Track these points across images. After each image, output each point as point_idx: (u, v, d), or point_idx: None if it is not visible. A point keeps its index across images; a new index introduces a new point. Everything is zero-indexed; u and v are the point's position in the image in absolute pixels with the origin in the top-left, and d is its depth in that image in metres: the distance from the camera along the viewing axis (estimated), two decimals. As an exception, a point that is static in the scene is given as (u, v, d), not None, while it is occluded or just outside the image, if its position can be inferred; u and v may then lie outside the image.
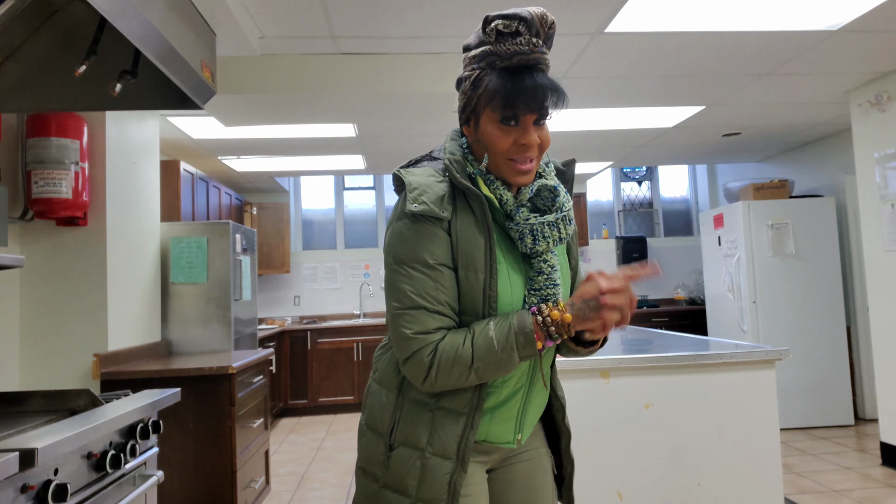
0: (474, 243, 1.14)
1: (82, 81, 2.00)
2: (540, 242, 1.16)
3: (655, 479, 2.31)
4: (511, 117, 1.13)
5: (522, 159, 1.14)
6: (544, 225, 1.16)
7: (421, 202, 1.13)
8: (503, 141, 1.14)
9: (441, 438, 1.15)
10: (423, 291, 1.11)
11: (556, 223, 1.18)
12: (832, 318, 5.08)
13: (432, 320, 1.11)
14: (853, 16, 2.92)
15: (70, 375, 2.80)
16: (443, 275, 1.12)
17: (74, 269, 2.83)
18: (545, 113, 1.14)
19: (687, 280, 7.39)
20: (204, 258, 3.68)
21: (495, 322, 1.12)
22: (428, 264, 1.12)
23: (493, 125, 1.14)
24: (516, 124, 1.13)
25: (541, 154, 1.17)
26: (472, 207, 1.16)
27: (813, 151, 5.64)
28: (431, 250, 1.13)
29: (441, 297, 1.12)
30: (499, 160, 1.16)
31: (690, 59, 3.42)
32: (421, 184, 1.16)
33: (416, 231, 1.13)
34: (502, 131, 1.14)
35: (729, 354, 2.34)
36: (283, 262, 6.63)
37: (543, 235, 1.16)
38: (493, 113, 1.14)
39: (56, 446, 1.37)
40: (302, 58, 3.28)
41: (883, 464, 3.96)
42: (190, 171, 4.69)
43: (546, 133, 1.16)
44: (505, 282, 1.16)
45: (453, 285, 1.14)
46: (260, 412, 3.43)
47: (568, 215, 1.19)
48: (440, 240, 1.13)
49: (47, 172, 2.57)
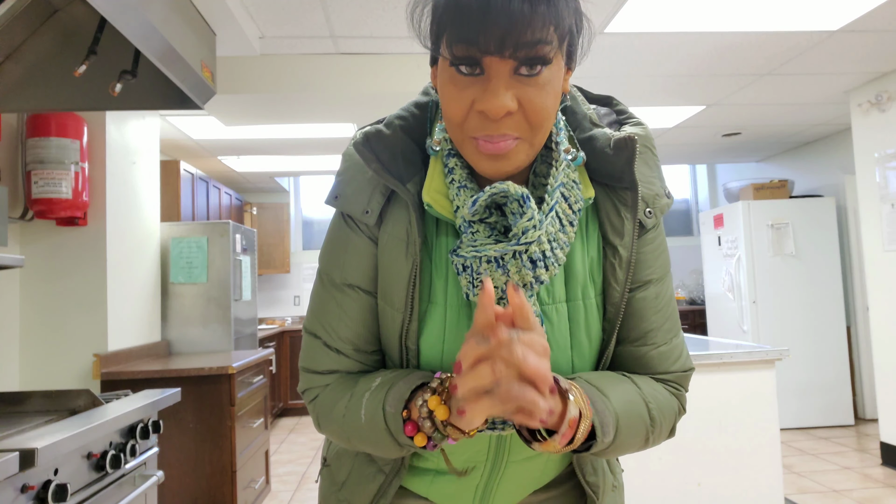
0: (395, 268, 0.75)
1: (82, 81, 2.00)
2: (479, 289, 0.64)
3: (655, 479, 2.31)
4: (467, 59, 0.64)
5: (487, 139, 0.67)
6: (480, 261, 0.70)
7: (340, 193, 0.79)
8: (456, 104, 0.67)
9: (355, 488, 0.85)
10: (323, 317, 0.80)
11: (501, 260, 0.69)
12: (832, 318, 5.08)
13: (326, 357, 0.80)
14: (853, 16, 2.92)
15: (70, 375, 2.80)
16: (350, 301, 0.78)
17: (74, 269, 2.83)
18: (533, 55, 0.64)
19: (687, 280, 7.39)
20: (204, 258, 3.68)
21: (380, 382, 0.75)
22: (335, 283, 0.79)
23: (447, 74, 0.68)
24: (481, 73, 0.65)
25: (534, 130, 0.68)
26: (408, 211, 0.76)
27: (813, 151, 5.64)
28: (343, 264, 0.79)
29: (342, 331, 0.79)
30: (456, 135, 0.70)
31: (690, 59, 3.42)
32: (352, 164, 0.79)
33: (335, 233, 0.81)
34: (456, 86, 0.67)
35: (729, 354, 2.34)
36: (283, 262, 6.63)
37: (480, 278, 0.71)
38: (445, 53, 0.66)
39: (56, 446, 1.37)
40: (302, 58, 3.28)
41: (883, 464, 3.96)
42: (190, 171, 4.68)
43: (542, 92, 0.66)
44: (434, 334, 0.75)
45: (365, 317, 0.79)
46: (260, 412, 3.43)
47: (531, 250, 0.69)
48: (359, 252, 0.78)
49: (47, 172, 2.57)
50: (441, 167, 0.76)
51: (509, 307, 0.59)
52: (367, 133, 0.75)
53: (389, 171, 0.74)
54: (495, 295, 0.69)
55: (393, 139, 0.75)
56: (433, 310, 0.76)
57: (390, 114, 0.83)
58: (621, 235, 0.77)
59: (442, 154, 0.76)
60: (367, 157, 0.74)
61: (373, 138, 0.75)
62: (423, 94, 0.82)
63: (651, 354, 0.79)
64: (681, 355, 0.81)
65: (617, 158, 0.75)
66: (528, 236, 0.68)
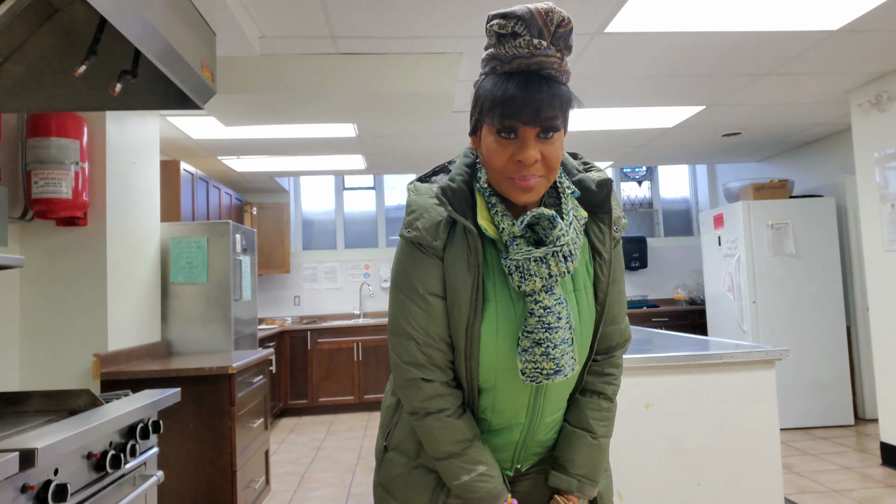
0: (461, 279, 1.07)
1: (82, 81, 2.00)
2: (527, 281, 1.03)
3: (655, 479, 2.31)
4: (509, 129, 1.01)
5: (521, 179, 1.03)
6: (530, 261, 1.03)
7: (415, 228, 1.09)
8: (499, 156, 1.03)
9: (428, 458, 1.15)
10: (414, 322, 1.08)
11: (544, 259, 1.03)
12: (832, 318, 5.08)
13: (421, 353, 1.08)
14: (853, 16, 2.92)
15: (70, 375, 2.80)
16: (433, 306, 1.08)
17: (74, 269, 2.83)
18: (550, 125, 1.00)
19: (687, 280, 7.39)
20: (204, 258, 3.68)
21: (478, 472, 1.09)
22: (419, 294, 1.08)
23: (492, 138, 1.04)
24: (515, 137, 1.01)
25: (550, 172, 1.04)
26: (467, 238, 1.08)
27: (813, 151, 5.64)
28: (423, 279, 1.08)
29: (432, 330, 1.08)
30: (497, 177, 1.05)
31: (690, 59, 3.42)
32: (419, 206, 1.11)
33: (410, 257, 1.10)
34: (499, 145, 1.03)
35: (729, 354, 2.34)
36: (283, 262, 6.63)
37: (530, 273, 1.03)
38: (491, 125, 1.03)
39: (56, 446, 1.37)
40: (302, 58, 3.28)
41: (883, 464, 3.96)
42: (190, 171, 4.68)
43: (554, 148, 1.03)
44: (491, 323, 1.08)
45: (445, 316, 1.09)
46: (260, 412, 3.43)
47: (563, 250, 1.04)
48: (433, 268, 1.08)
49: (47, 172, 2.57)
50: (484, 202, 1.10)
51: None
52: (444, 187, 1.08)
53: (458, 211, 1.08)
54: (540, 283, 1.04)
55: (459, 190, 1.09)
56: (488, 306, 1.08)
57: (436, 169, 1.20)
58: (604, 244, 1.15)
59: (485, 194, 1.09)
60: (445, 203, 1.07)
61: (447, 190, 1.08)
62: (465, 157, 1.16)
63: (615, 332, 1.21)
64: (627, 329, 1.25)
65: (599, 192, 1.13)
66: (561, 241, 1.04)
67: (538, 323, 1.04)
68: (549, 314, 1.04)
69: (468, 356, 1.08)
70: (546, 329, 1.04)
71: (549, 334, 1.04)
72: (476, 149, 1.12)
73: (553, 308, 1.05)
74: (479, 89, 1.06)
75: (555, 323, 1.04)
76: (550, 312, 1.04)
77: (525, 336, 1.05)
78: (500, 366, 1.09)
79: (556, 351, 1.04)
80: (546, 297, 1.05)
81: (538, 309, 1.04)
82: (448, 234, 1.08)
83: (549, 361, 1.04)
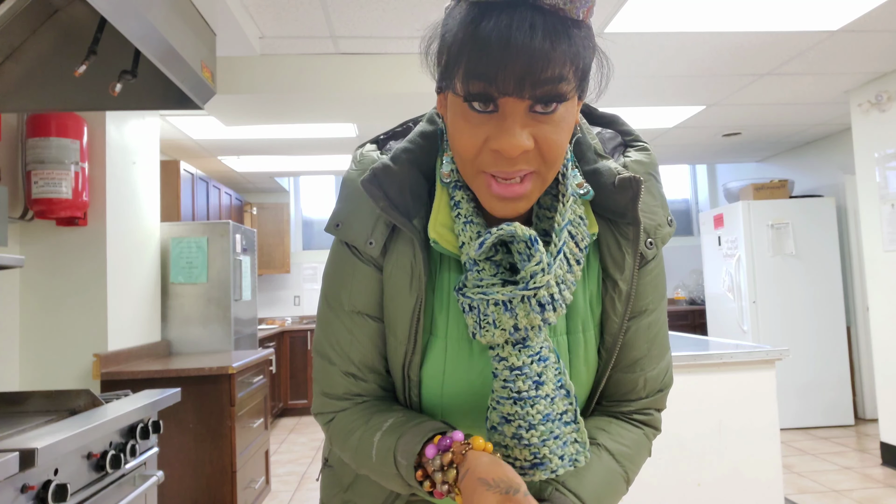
0: (400, 300, 0.75)
1: (82, 81, 2.00)
2: (484, 331, 0.69)
3: (655, 479, 2.31)
4: (483, 97, 0.62)
5: (502, 175, 0.65)
6: (487, 304, 0.68)
7: (343, 222, 0.77)
8: (468, 140, 0.65)
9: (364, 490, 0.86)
10: (335, 342, 0.79)
11: (509, 304, 0.68)
12: (832, 318, 5.08)
13: (341, 382, 0.79)
14: (853, 16, 2.92)
15: (70, 375, 2.80)
16: (360, 328, 0.78)
17: (74, 269, 2.83)
18: (549, 93, 0.61)
19: (687, 280, 7.39)
20: (204, 258, 3.68)
21: (391, 424, 0.74)
22: (343, 309, 0.78)
23: (458, 110, 0.65)
24: (495, 110, 0.63)
25: (549, 166, 0.66)
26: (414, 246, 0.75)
27: (813, 151, 5.64)
28: (350, 291, 0.78)
29: (355, 356, 0.78)
30: (468, 171, 0.68)
31: (690, 59, 3.42)
32: (353, 191, 0.77)
33: (339, 260, 0.79)
34: (468, 122, 0.64)
35: (729, 354, 2.34)
36: (283, 262, 6.63)
37: (487, 321, 0.69)
38: (455, 88, 0.64)
39: (56, 446, 1.37)
40: (302, 58, 3.28)
41: (883, 464, 3.96)
42: (190, 171, 4.68)
43: (557, 130, 0.64)
44: (435, 366, 0.76)
45: (376, 342, 0.79)
46: (260, 412, 3.43)
47: (540, 294, 0.68)
48: (367, 279, 0.77)
49: (47, 172, 2.57)
50: (447, 198, 0.74)
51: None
52: (375, 170, 0.73)
53: (397, 208, 0.72)
54: (502, 337, 0.69)
55: (401, 174, 0.73)
56: (434, 343, 0.76)
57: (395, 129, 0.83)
58: (622, 270, 0.76)
59: (448, 186, 0.74)
60: (376, 196, 0.72)
61: (381, 174, 0.72)
62: (428, 123, 0.79)
63: (638, 381, 0.80)
64: (665, 376, 0.82)
65: (621, 196, 0.73)
66: (537, 280, 0.67)
67: (502, 388, 0.70)
68: (518, 378, 0.69)
69: (408, 400, 0.80)
70: (514, 401, 0.69)
71: (521, 408, 0.69)
72: (443, 114, 0.72)
73: (526, 369, 0.69)
74: (444, 24, 0.67)
75: (528, 391, 0.69)
76: (521, 376, 0.69)
77: (493, 408, 0.72)
78: (454, 421, 0.78)
79: (532, 434, 0.69)
80: (514, 354, 0.69)
81: (502, 369, 0.70)
82: (390, 235, 0.75)
83: (522, 449, 0.70)
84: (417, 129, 0.78)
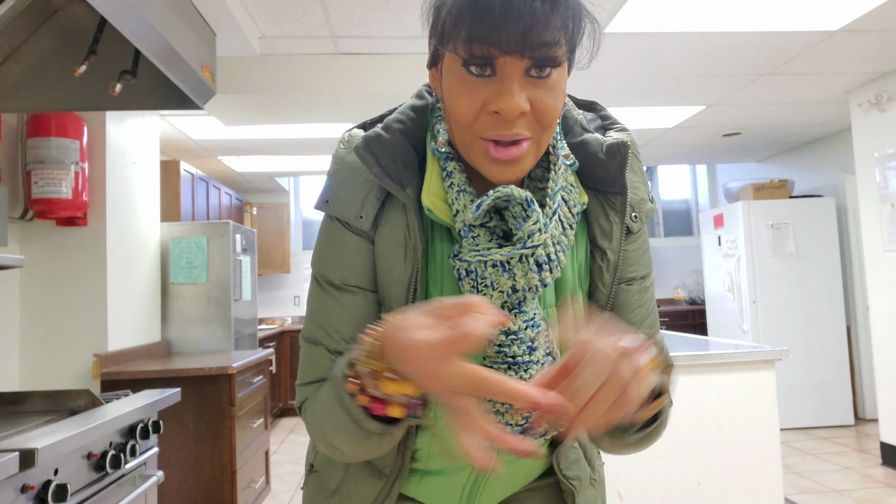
0: (395, 273, 0.75)
1: (82, 81, 2.00)
2: (483, 293, 0.70)
3: (655, 479, 2.31)
4: (482, 60, 0.64)
5: (501, 137, 0.66)
6: (485, 266, 0.69)
7: (332, 197, 0.78)
8: (467, 104, 0.66)
9: (350, 492, 0.83)
10: (325, 322, 0.77)
11: (507, 264, 0.69)
12: (832, 318, 5.08)
13: (323, 364, 0.77)
14: (853, 16, 2.91)
15: (70, 375, 2.80)
16: (353, 299, 0.76)
17: (74, 269, 2.83)
18: (546, 56, 0.64)
19: (687, 280, 7.39)
20: (204, 258, 3.68)
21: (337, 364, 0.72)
22: (334, 284, 0.77)
23: (456, 75, 0.67)
24: (492, 73, 0.65)
25: (544, 130, 0.68)
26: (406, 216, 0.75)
27: (813, 151, 5.64)
28: (340, 265, 0.77)
29: (346, 331, 0.76)
30: (465, 137, 0.69)
31: (690, 59, 3.42)
32: (344, 166, 0.78)
33: (329, 235, 0.79)
34: (466, 86, 0.66)
35: (729, 354, 2.34)
36: (283, 262, 6.63)
37: (485, 283, 0.70)
38: (455, 51, 0.66)
39: (56, 446, 1.37)
40: (302, 58, 3.28)
41: (883, 464, 3.96)
42: (190, 171, 4.68)
43: (552, 94, 0.67)
44: None
45: (371, 313, 0.77)
46: (260, 412, 3.43)
47: (538, 253, 0.69)
48: (355, 253, 0.76)
49: (47, 172, 2.57)
50: (439, 171, 0.75)
51: None
52: (367, 137, 0.74)
53: (390, 176, 0.73)
54: (499, 300, 0.70)
55: (393, 143, 0.75)
56: None
57: (383, 115, 0.83)
58: (610, 239, 0.78)
59: (441, 157, 0.75)
60: (369, 161, 0.73)
61: (373, 142, 0.74)
62: (417, 98, 0.81)
63: None
64: (661, 351, 0.79)
65: (609, 163, 0.76)
66: (534, 239, 0.69)
67: (498, 355, 0.71)
68: (514, 343, 0.71)
69: None
70: (509, 366, 0.70)
71: (515, 373, 0.70)
72: (435, 87, 0.75)
73: (521, 334, 0.71)
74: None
75: (522, 356, 0.71)
76: (517, 340, 0.71)
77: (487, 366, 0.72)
78: None
79: None
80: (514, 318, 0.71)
81: (497, 334, 0.71)
82: (381, 207, 0.76)
83: (514, 414, 0.71)
84: (408, 104, 0.80)
